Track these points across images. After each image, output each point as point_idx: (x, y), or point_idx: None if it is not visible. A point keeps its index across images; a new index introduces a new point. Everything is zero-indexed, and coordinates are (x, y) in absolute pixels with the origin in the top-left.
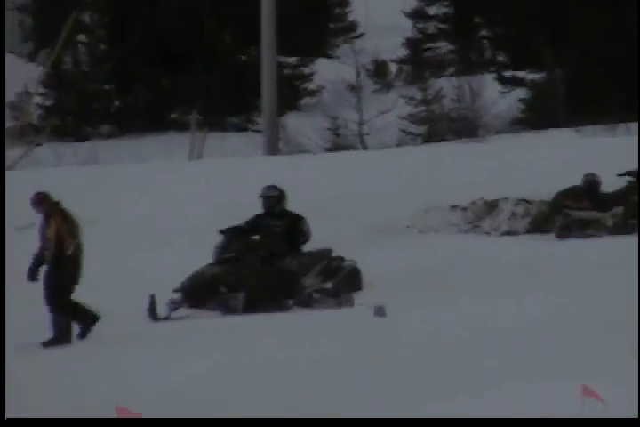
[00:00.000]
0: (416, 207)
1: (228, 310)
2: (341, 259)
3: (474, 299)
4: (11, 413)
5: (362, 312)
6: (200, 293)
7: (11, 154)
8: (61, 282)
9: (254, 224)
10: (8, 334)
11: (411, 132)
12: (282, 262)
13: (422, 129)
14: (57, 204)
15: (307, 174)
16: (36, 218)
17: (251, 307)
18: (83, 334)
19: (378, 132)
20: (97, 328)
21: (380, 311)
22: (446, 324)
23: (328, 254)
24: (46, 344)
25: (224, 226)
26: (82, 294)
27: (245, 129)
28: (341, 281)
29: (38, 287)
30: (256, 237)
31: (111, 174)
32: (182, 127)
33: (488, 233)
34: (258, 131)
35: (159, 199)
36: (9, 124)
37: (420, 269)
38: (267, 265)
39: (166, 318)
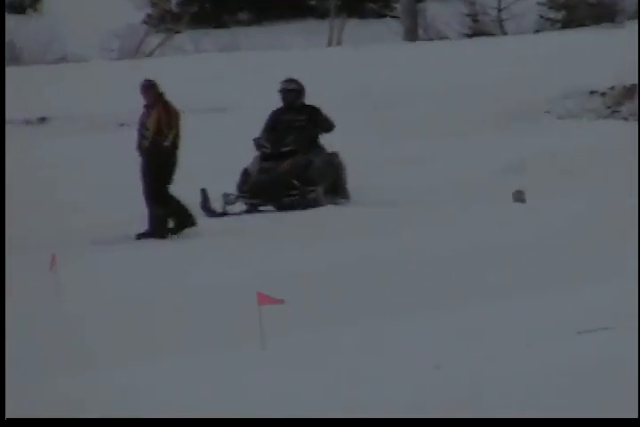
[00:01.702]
0: (554, 93)
1: (308, 203)
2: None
3: (608, 186)
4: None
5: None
6: (275, 189)
7: (149, 41)
8: (158, 173)
9: (274, 121)
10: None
11: (549, 18)
12: (327, 156)
13: (560, 15)
14: (161, 94)
15: (445, 61)
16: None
17: (325, 199)
18: (175, 231)
19: (516, 17)
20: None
21: (519, 197)
22: (585, 211)
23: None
24: (140, 236)
25: (360, 113)
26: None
27: (384, 16)
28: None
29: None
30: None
31: (250, 61)
32: (321, 14)
33: (626, 118)
34: (396, 17)
35: None
36: (147, 11)
37: (558, 156)
38: (319, 159)
39: (224, 214)
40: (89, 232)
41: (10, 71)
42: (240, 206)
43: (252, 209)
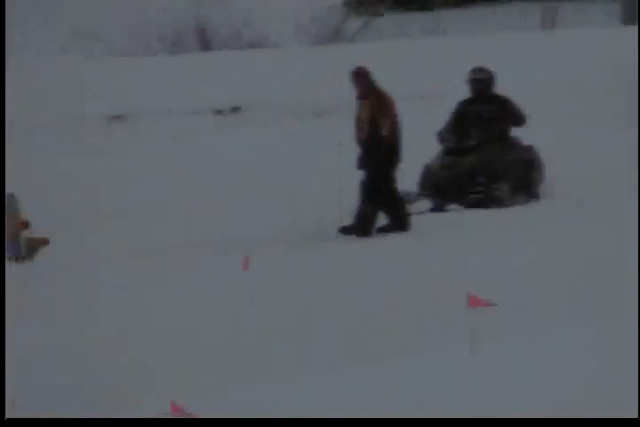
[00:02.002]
0: None
1: (492, 201)
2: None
3: None
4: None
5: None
6: (457, 186)
7: (350, 25)
8: (376, 167)
9: (461, 113)
10: None
11: None
12: (518, 151)
13: None
14: (374, 82)
15: None
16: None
17: (512, 197)
18: (385, 230)
19: None
20: None
21: None
22: None
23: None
24: (341, 231)
25: (570, 102)
26: None
27: None
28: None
29: None
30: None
31: (458, 46)
32: None
33: None
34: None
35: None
36: None
37: None
38: (507, 154)
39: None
40: (295, 225)
41: (200, 57)
42: (423, 205)
43: (438, 208)
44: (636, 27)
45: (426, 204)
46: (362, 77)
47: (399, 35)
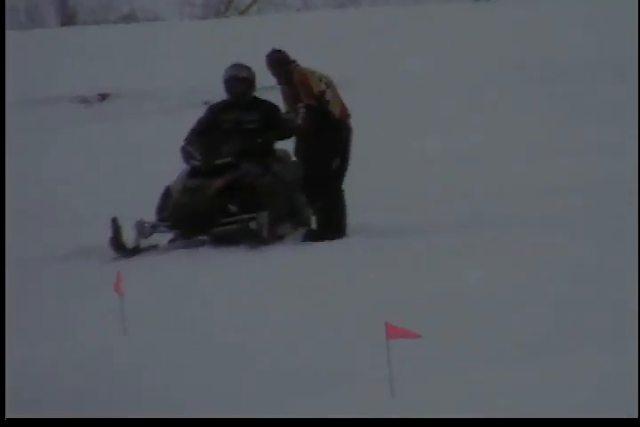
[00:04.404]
0: None
1: (247, 235)
2: None
3: None
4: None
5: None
6: (202, 215)
7: None
8: (319, 158)
9: (211, 122)
10: None
11: None
12: (289, 169)
13: None
14: (293, 62)
15: None
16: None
17: (273, 230)
18: (305, 238)
19: None
20: None
21: None
22: None
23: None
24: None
25: None
26: None
27: None
28: None
29: None
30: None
31: (372, 20)
32: None
33: None
34: None
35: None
36: None
37: None
38: (269, 173)
39: (136, 250)
40: None
41: (61, 32)
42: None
43: (181, 240)
44: None
45: (165, 235)
46: (276, 62)
47: (304, 7)
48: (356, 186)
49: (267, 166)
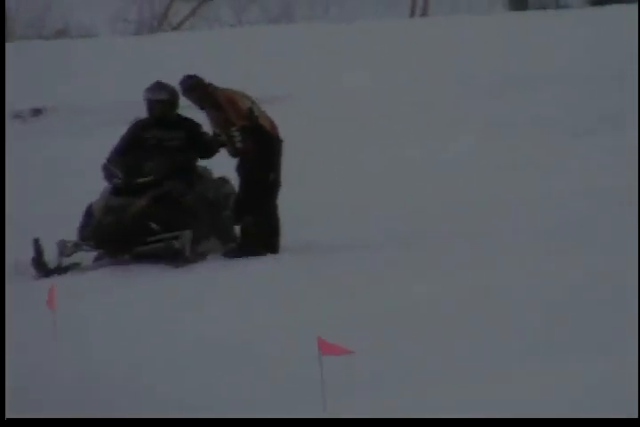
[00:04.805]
0: None
1: (170, 254)
2: None
3: None
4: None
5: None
6: (124, 234)
7: (177, 10)
8: (257, 176)
9: (133, 139)
10: None
11: None
12: (212, 187)
13: None
14: (210, 85)
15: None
16: None
17: (195, 248)
18: (228, 254)
19: None
20: None
21: None
22: None
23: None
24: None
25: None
26: None
27: None
28: None
29: None
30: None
31: (307, 36)
32: None
33: None
34: None
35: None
36: None
37: None
38: (192, 191)
39: (59, 270)
40: None
41: None
42: (82, 256)
43: (104, 258)
44: (526, 13)
45: (87, 255)
46: (192, 89)
47: (238, 23)
48: (291, 202)
49: (189, 184)
